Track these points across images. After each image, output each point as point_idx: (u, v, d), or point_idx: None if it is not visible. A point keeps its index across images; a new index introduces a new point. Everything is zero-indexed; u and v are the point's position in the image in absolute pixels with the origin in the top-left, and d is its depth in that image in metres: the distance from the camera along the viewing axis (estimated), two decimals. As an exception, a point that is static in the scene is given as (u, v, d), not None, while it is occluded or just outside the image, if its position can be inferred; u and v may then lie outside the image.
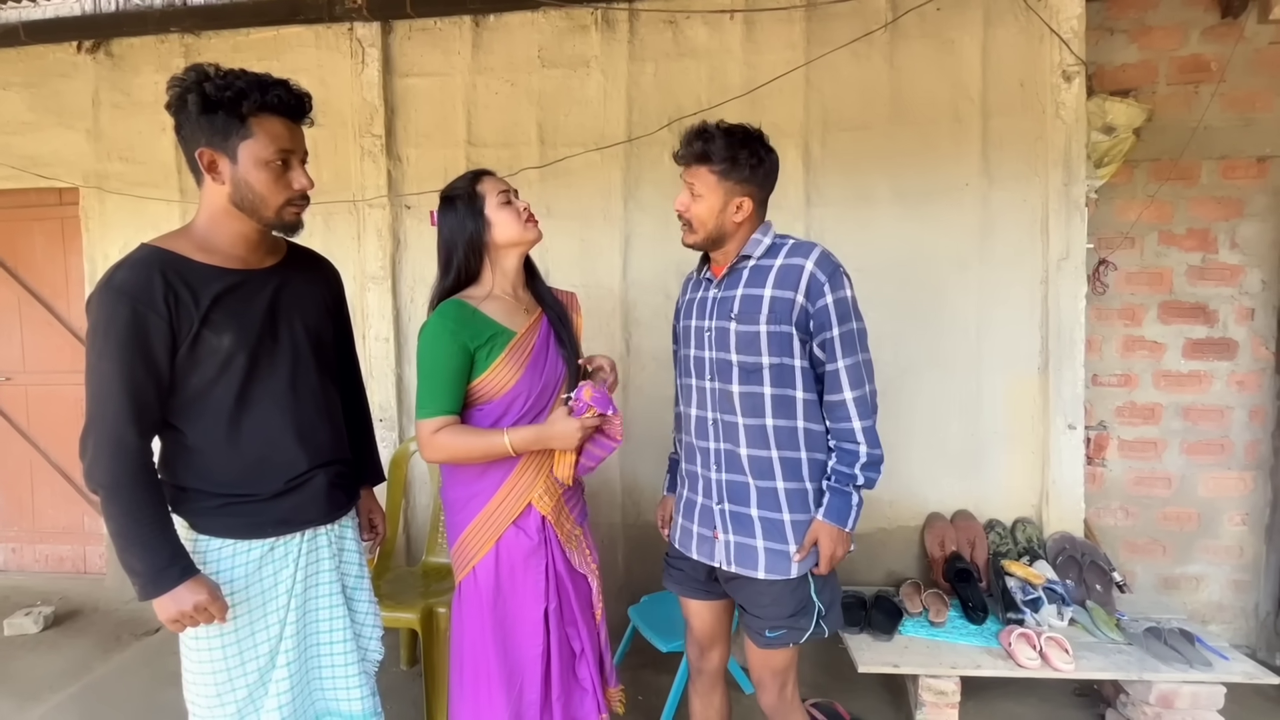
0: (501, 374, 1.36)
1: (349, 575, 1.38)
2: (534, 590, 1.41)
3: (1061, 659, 1.87)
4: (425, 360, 1.35)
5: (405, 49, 2.62)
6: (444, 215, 1.41)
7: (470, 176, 1.43)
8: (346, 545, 1.38)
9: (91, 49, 2.77)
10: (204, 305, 1.17)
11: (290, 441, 1.27)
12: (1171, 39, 2.49)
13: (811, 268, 1.34)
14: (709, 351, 1.42)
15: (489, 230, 1.39)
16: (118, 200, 2.80)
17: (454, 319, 1.35)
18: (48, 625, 2.71)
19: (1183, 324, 2.55)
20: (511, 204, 1.41)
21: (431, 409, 1.34)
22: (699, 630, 1.56)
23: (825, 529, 1.36)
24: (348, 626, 1.34)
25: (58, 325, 3.05)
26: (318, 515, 1.31)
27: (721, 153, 1.35)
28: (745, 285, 1.38)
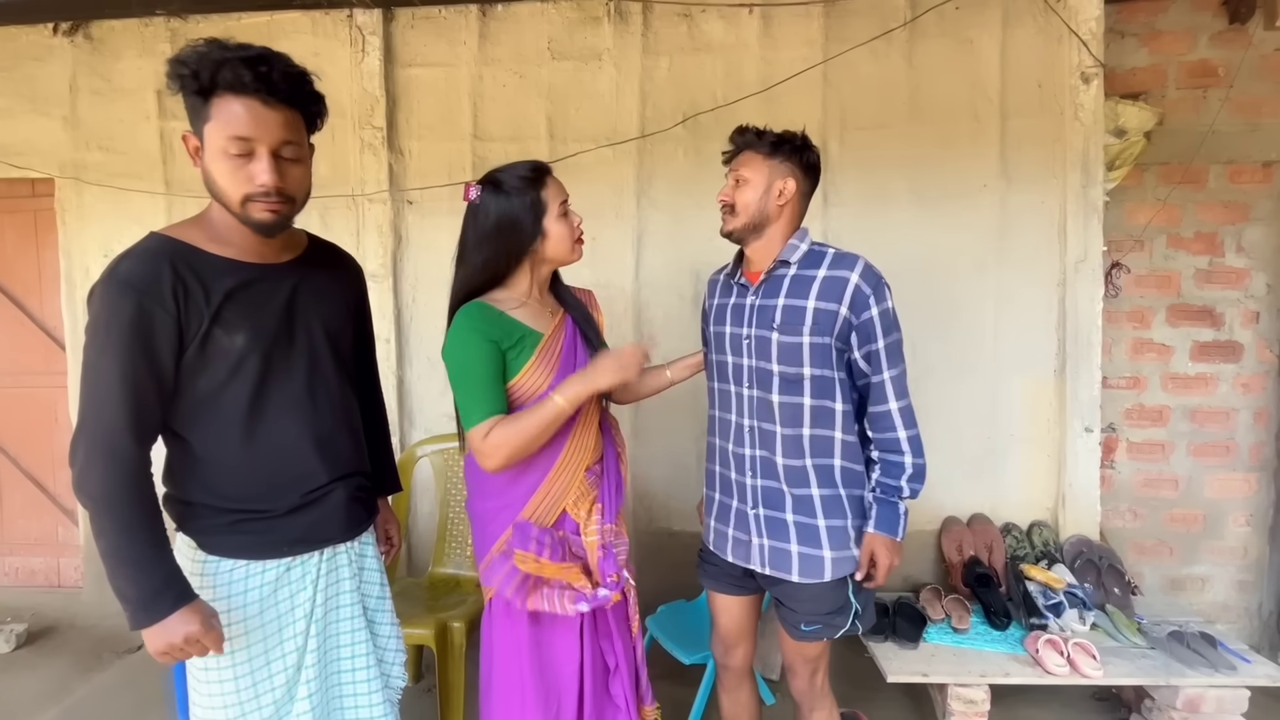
0: (533, 377, 1.29)
1: (370, 596, 1.29)
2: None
3: (1090, 665, 1.85)
4: (460, 366, 1.27)
5: (408, 38, 2.51)
6: (494, 203, 1.28)
7: (533, 173, 1.30)
8: (367, 564, 1.29)
9: (69, 31, 2.61)
10: (215, 301, 1.07)
11: (308, 452, 1.18)
12: (1180, 44, 2.50)
13: (857, 280, 1.34)
14: (748, 359, 1.42)
15: (543, 241, 1.30)
16: (97, 192, 2.64)
17: (480, 319, 1.27)
18: (20, 644, 2.54)
19: (1190, 327, 2.56)
20: (569, 216, 1.33)
21: (478, 414, 1.25)
22: (726, 626, 1.57)
23: (880, 541, 1.38)
24: (370, 652, 1.25)
25: (29, 325, 2.88)
26: (337, 532, 1.22)
27: (769, 139, 1.39)
28: (787, 295, 1.37)
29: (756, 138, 1.39)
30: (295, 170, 1.08)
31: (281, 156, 1.05)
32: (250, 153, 1.03)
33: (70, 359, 2.71)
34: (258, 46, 1.04)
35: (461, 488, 2.26)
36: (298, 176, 1.09)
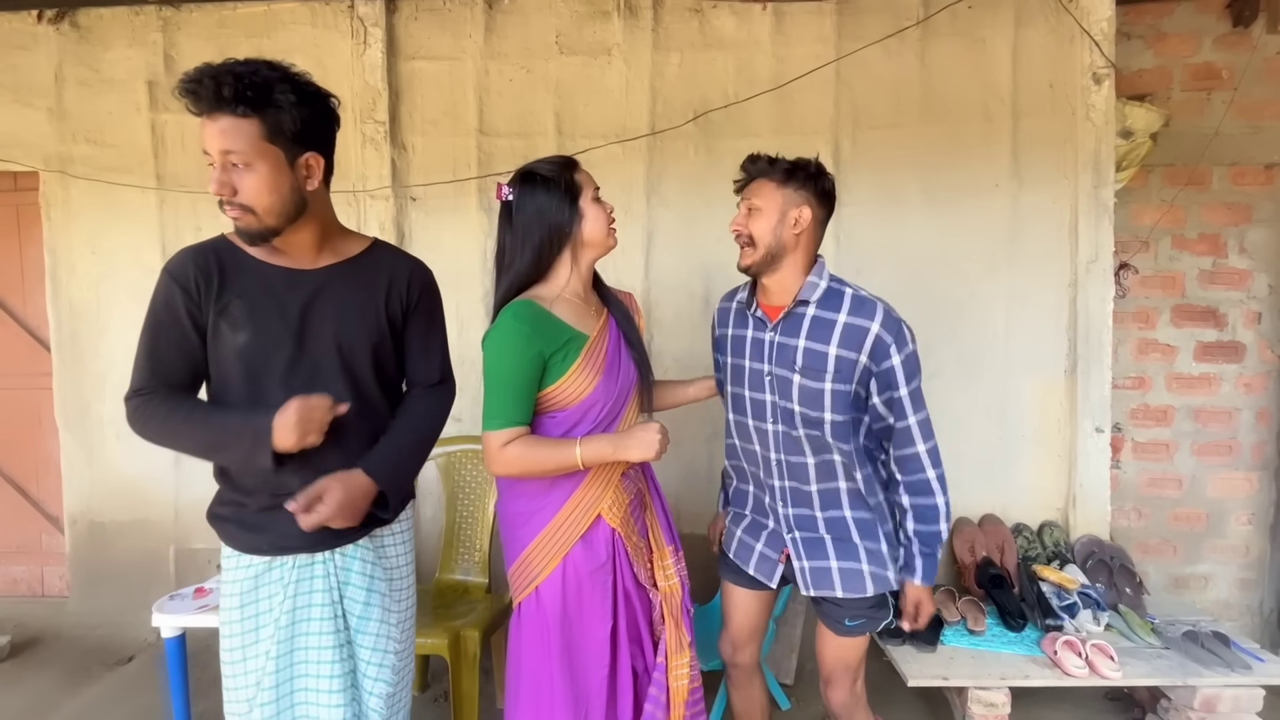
0: (578, 381, 1.25)
1: (356, 603, 1.21)
2: (600, 609, 1.30)
3: (1108, 666, 1.85)
4: (497, 367, 1.23)
5: (411, 30, 2.45)
6: (530, 193, 1.26)
7: (562, 162, 1.30)
8: (354, 577, 1.21)
9: (55, 19, 2.51)
10: (226, 296, 1.15)
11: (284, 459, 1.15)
12: (1185, 46, 2.52)
13: (877, 330, 1.32)
14: (769, 395, 1.41)
15: (580, 223, 1.27)
16: (84, 186, 2.55)
17: (530, 322, 1.22)
18: (4, 656, 2.44)
19: (1194, 327, 2.59)
20: (602, 203, 1.31)
21: (501, 420, 1.22)
22: (738, 623, 1.58)
23: (921, 593, 1.41)
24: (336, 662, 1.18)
25: (11, 324, 2.76)
26: (305, 542, 1.18)
27: (782, 166, 1.37)
28: (808, 337, 1.36)
29: (769, 165, 1.37)
30: (247, 178, 1.08)
31: (229, 165, 1.08)
32: (214, 164, 1.09)
33: (56, 359, 2.61)
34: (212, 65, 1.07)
35: (470, 491, 2.21)
36: (250, 184, 1.08)
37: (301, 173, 1.12)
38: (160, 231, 2.54)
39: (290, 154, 1.10)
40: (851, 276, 2.32)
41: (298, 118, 1.09)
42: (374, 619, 1.21)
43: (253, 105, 1.05)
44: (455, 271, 2.48)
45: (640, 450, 1.22)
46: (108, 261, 2.57)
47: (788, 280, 1.38)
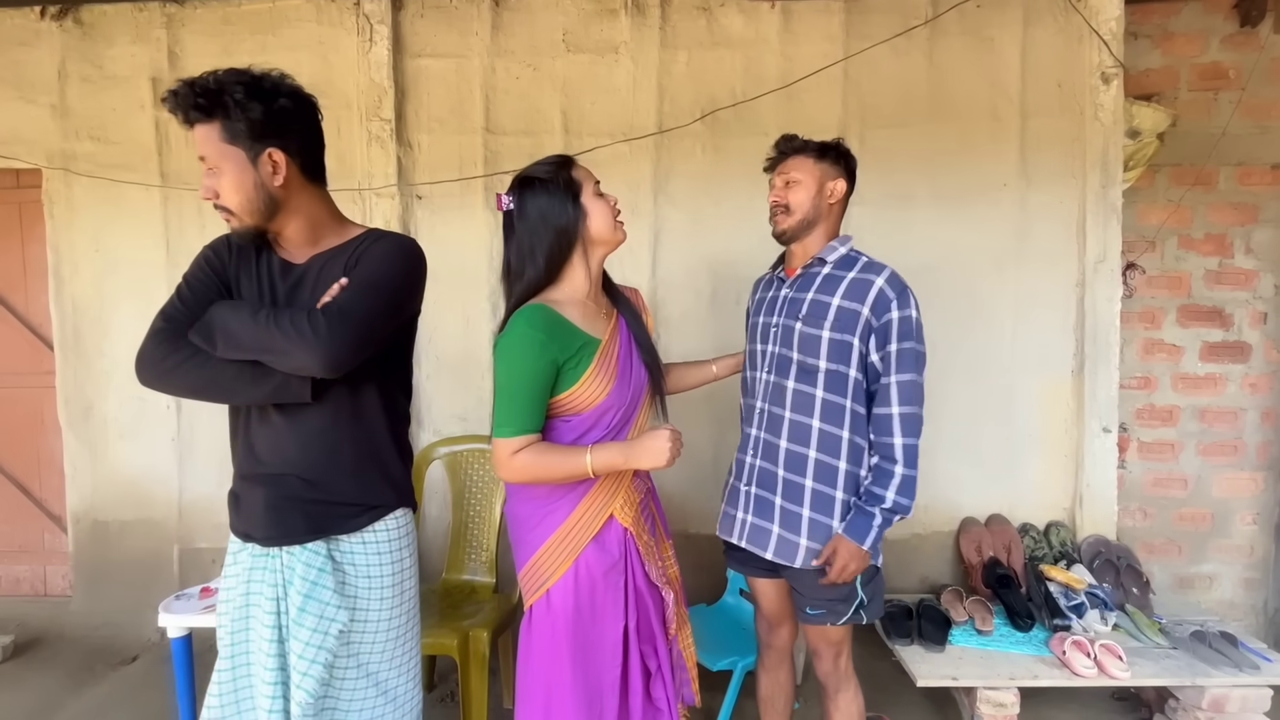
0: (593, 387, 1.24)
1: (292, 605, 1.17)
2: (613, 609, 1.29)
3: (1117, 667, 1.85)
4: (510, 374, 1.21)
5: (417, 27, 2.44)
6: (530, 198, 1.25)
7: (558, 161, 1.28)
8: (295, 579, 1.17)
9: (58, 15, 2.50)
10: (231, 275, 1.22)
11: (243, 442, 1.23)
12: (1193, 46, 2.52)
13: (881, 284, 1.40)
14: (771, 346, 1.50)
15: (585, 220, 1.26)
16: (87, 183, 2.53)
17: (544, 329, 1.21)
18: (7, 656, 2.42)
19: (1200, 327, 2.59)
20: (604, 196, 1.29)
21: (512, 427, 1.21)
22: (766, 607, 1.63)
23: (844, 544, 1.40)
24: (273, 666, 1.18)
25: (13, 321, 2.75)
26: (257, 532, 1.20)
27: (816, 145, 1.49)
28: (816, 290, 1.45)
29: (804, 144, 1.49)
30: (221, 180, 1.14)
31: (209, 169, 1.14)
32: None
33: (59, 357, 2.60)
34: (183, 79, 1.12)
35: (477, 491, 2.20)
36: (224, 185, 1.14)
37: (266, 169, 1.14)
38: (164, 229, 2.53)
39: (251, 152, 1.13)
40: (859, 276, 2.35)
41: (246, 116, 1.12)
42: (306, 625, 1.17)
43: (207, 111, 1.11)
44: (461, 270, 2.48)
45: (651, 459, 1.21)
46: (111, 259, 2.56)
47: (813, 246, 1.49)
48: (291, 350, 1.09)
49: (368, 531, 1.23)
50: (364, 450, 1.23)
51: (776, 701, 1.66)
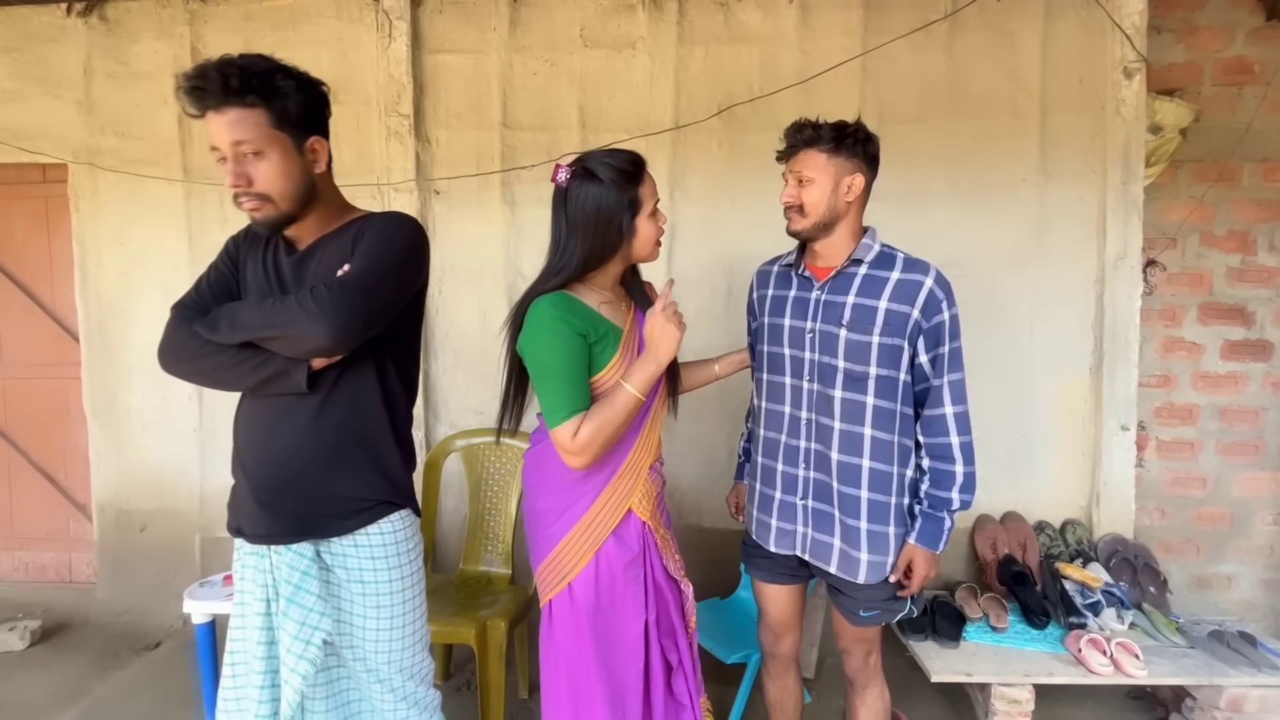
0: (617, 373, 1.25)
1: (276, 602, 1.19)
2: (634, 602, 1.30)
3: (1134, 665, 1.84)
4: (548, 358, 1.21)
5: (436, 23, 2.45)
6: (588, 194, 1.23)
7: (633, 167, 1.26)
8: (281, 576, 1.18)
9: (83, 12, 2.54)
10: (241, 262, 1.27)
11: (238, 434, 1.25)
12: (1217, 40, 2.48)
13: (931, 284, 1.35)
14: (809, 353, 1.42)
15: (632, 239, 1.27)
16: (112, 178, 2.57)
17: (568, 310, 1.22)
18: (35, 641, 2.48)
19: (1221, 325, 2.56)
20: (657, 216, 1.30)
21: (565, 410, 1.20)
22: (775, 616, 1.58)
23: (920, 554, 1.38)
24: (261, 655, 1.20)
25: (40, 314, 2.80)
26: (246, 529, 1.21)
27: (829, 133, 1.35)
28: (858, 294, 1.37)
29: (815, 134, 1.34)
30: (261, 166, 1.11)
31: (241, 156, 1.10)
32: (223, 159, 1.12)
33: (84, 349, 2.65)
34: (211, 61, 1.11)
35: (493, 483, 2.22)
36: (265, 172, 1.12)
37: (309, 156, 1.16)
38: (186, 223, 2.57)
39: (297, 139, 1.14)
40: (875, 272, 2.35)
41: (301, 102, 1.13)
42: (288, 631, 1.17)
43: (260, 94, 1.09)
44: (478, 264, 2.50)
45: (667, 343, 1.22)
46: (135, 253, 2.60)
47: (840, 244, 1.39)
48: (298, 325, 1.09)
49: (360, 534, 1.21)
50: (360, 447, 1.21)
51: (786, 705, 1.65)
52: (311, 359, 1.14)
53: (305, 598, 1.17)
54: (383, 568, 1.23)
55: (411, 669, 1.28)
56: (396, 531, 1.25)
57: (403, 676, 1.26)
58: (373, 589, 1.23)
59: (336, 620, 1.21)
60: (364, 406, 1.22)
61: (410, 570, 1.27)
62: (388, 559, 1.23)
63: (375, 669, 1.24)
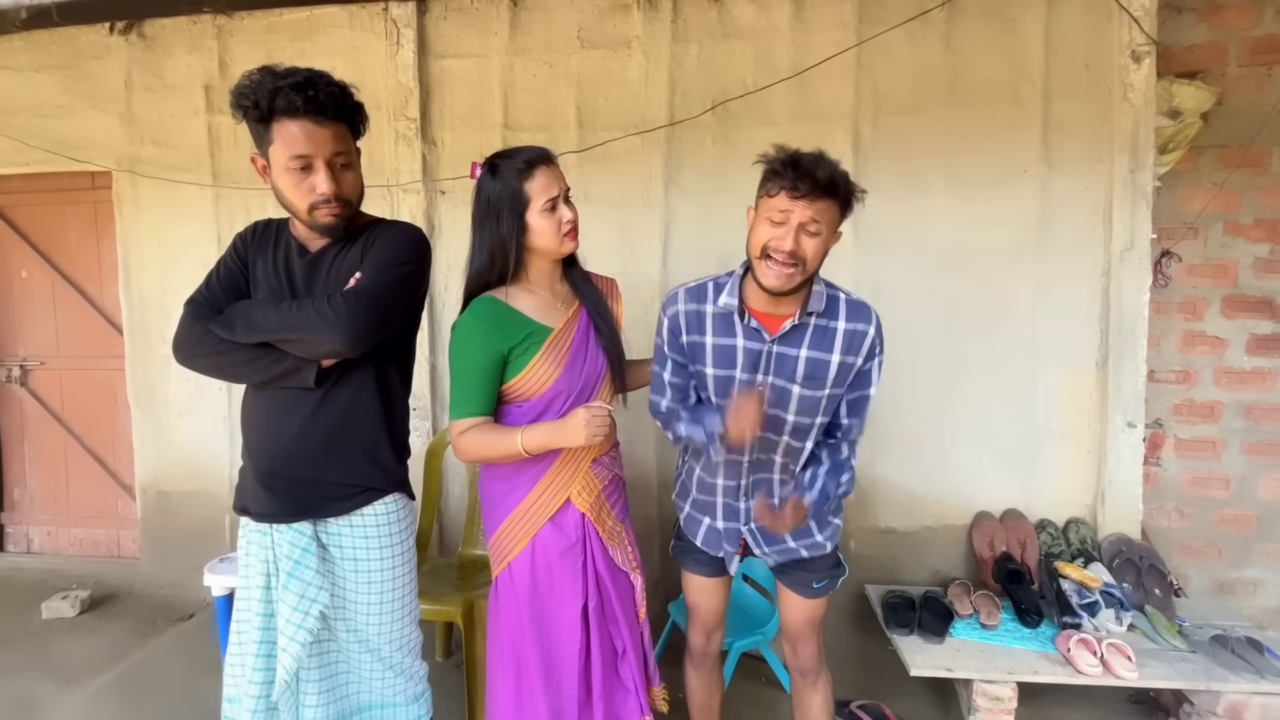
0: (539, 373, 1.30)
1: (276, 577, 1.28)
2: (571, 588, 1.36)
3: (1124, 666, 1.80)
4: (457, 362, 1.30)
5: (441, 30, 2.55)
6: (488, 185, 1.31)
7: (523, 164, 1.30)
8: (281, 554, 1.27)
9: (124, 30, 2.73)
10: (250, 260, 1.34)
11: (247, 421, 1.33)
12: (1244, 18, 2.35)
13: (873, 334, 1.34)
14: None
15: (526, 234, 1.31)
16: (150, 184, 2.77)
17: (487, 319, 1.29)
18: (84, 609, 2.72)
19: (1247, 318, 2.43)
20: (556, 212, 1.31)
21: (462, 410, 1.30)
22: (707, 611, 1.59)
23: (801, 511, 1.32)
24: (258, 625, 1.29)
25: (90, 310, 3.05)
26: (251, 508, 1.31)
27: (844, 187, 1.21)
28: (810, 346, 1.31)
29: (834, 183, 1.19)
30: (349, 176, 1.25)
31: (335, 166, 1.22)
32: (309, 167, 1.20)
33: (127, 343, 2.87)
34: (303, 70, 1.19)
35: (490, 472, 2.31)
36: (351, 181, 1.26)
37: (360, 164, 1.30)
38: (216, 225, 2.75)
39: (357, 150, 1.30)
40: (871, 266, 2.34)
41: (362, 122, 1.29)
42: (288, 603, 1.25)
43: (350, 112, 1.25)
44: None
45: (571, 436, 1.24)
46: (171, 253, 2.80)
47: (802, 297, 1.29)
48: (316, 330, 1.19)
49: (355, 515, 1.31)
50: (356, 436, 1.30)
51: (713, 702, 1.67)
52: (323, 359, 1.25)
53: (304, 573, 1.27)
54: (374, 547, 1.33)
55: (400, 640, 1.37)
56: (389, 514, 1.34)
57: (391, 647, 1.35)
58: (365, 566, 1.32)
59: (332, 595, 1.31)
60: (362, 401, 1.31)
61: (401, 550, 1.36)
62: (380, 539, 1.33)
63: (366, 639, 1.34)
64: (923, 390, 2.37)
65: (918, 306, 2.33)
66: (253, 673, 1.29)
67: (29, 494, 3.21)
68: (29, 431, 3.17)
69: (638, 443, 2.54)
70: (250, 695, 1.28)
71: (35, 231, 3.06)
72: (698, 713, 1.68)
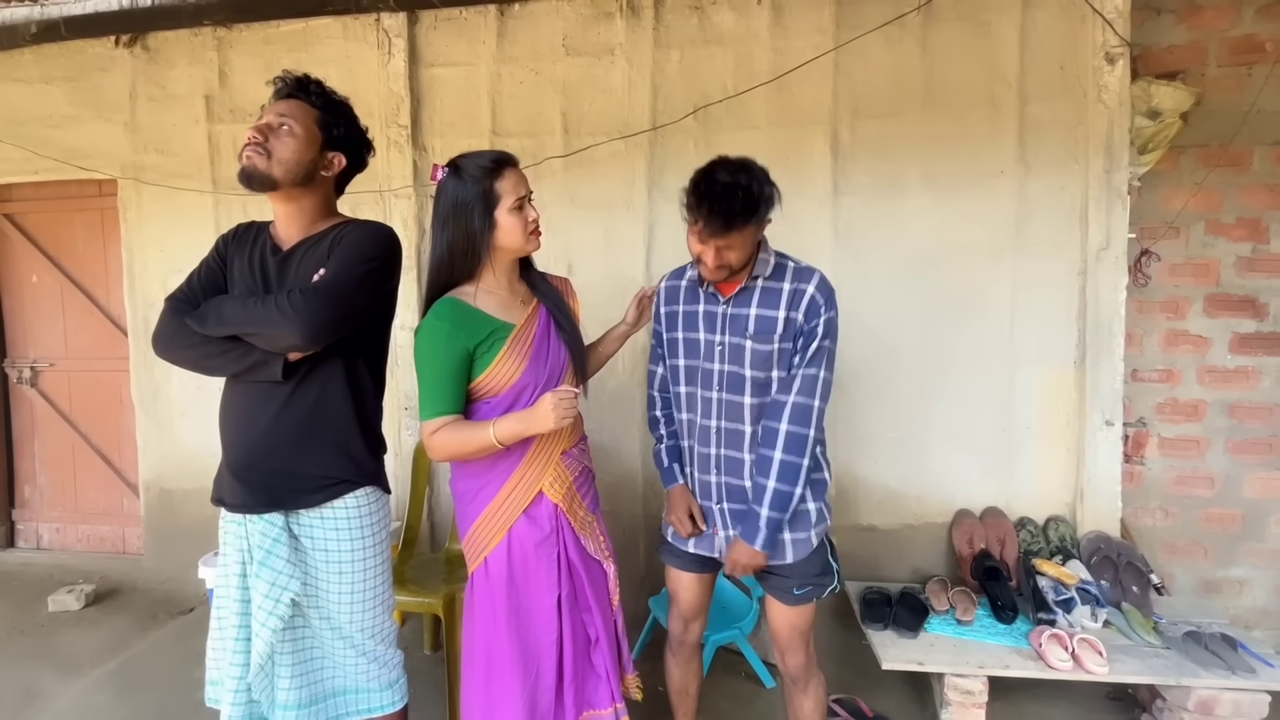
0: (505, 368, 1.34)
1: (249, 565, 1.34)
2: (546, 579, 1.40)
3: (1095, 661, 1.82)
4: (424, 363, 1.33)
5: (431, 39, 2.62)
6: (452, 186, 1.34)
7: (491, 164, 1.35)
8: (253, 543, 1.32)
9: (129, 43, 2.84)
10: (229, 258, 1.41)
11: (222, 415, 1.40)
12: (1223, 19, 2.37)
13: (813, 291, 1.43)
14: (719, 364, 1.48)
15: (493, 231, 1.34)
16: (153, 191, 2.87)
17: (450, 319, 1.32)
18: (89, 603, 2.80)
19: (1230, 317, 2.44)
20: (523, 210, 1.36)
21: (431, 410, 1.33)
22: (686, 603, 1.65)
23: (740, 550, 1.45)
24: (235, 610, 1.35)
25: (97, 313, 3.15)
26: (226, 499, 1.38)
27: (756, 211, 1.34)
28: (758, 305, 1.44)
29: (748, 214, 1.32)
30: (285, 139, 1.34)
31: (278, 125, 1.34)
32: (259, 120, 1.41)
33: (132, 345, 2.96)
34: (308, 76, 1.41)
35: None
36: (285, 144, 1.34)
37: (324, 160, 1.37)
38: (216, 229, 2.83)
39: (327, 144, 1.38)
40: (850, 265, 2.38)
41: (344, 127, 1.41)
42: (259, 590, 1.30)
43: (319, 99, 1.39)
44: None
45: (539, 422, 1.28)
46: (173, 258, 2.89)
47: (744, 274, 1.45)
48: (276, 325, 1.24)
49: (326, 508, 1.35)
50: (326, 429, 1.34)
51: (690, 688, 1.72)
52: (286, 353, 1.29)
53: (275, 562, 1.32)
54: (345, 539, 1.37)
55: (373, 629, 1.41)
56: (360, 507, 1.39)
57: (364, 635, 1.40)
58: (335, 557, 1.37)
59: (304, 584, 1.36)
60: (332, 395, 1.36)
61: (372, 541, 1.40)
62: (350, 531, 1.37)
63: (339, 627, 1.39)
64: (903, 389, 2.40)
65: (897, 306, 2.37)
66: (233, 655, 1.34)
67: (39, 491, 3.31)
68: (39, 431, 3.28)
69: (624, 441, 2.59)
70: (231, 677, 1.33)
71: (45, 238, 3.17)
72: (675, 697, 1.73)
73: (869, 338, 2.36)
